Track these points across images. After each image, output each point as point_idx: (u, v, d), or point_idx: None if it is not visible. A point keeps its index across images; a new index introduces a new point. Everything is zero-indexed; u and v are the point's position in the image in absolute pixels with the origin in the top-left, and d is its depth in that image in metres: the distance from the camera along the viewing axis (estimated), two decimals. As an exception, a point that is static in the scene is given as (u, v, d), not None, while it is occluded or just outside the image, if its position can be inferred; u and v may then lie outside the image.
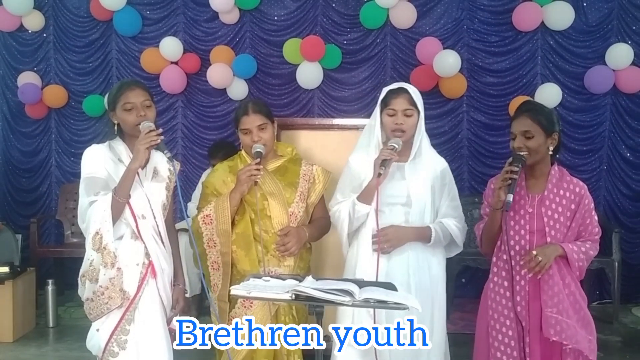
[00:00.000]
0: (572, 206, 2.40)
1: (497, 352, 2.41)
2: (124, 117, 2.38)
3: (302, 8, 5.37)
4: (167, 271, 2.47)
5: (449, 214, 2.60)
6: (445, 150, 5.21)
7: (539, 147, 2.36)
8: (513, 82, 5.25)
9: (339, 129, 3.79)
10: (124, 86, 2.43)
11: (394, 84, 2.60)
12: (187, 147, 5.57)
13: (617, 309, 4.81)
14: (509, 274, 2.39)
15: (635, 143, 5.24)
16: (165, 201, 2.50)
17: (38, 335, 4.56)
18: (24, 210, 5.72)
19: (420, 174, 2.56)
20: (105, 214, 2.27)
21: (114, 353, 2.33)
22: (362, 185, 2.54)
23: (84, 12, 5.55)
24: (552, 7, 5.00)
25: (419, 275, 2.52)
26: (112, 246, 2.30)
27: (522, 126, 2.36)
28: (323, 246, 3.23)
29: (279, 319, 2.63)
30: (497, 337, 2.41)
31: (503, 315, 2.40)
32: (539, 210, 2.38)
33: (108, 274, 2.30)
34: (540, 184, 2.42)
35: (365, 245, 2.53)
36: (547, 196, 2.39)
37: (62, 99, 5.60)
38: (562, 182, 2.42)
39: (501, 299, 2.42)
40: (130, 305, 2.34)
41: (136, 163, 2.29)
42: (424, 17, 5.26)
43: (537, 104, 2.63)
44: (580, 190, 2.42)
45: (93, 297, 2.32)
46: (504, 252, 2.41)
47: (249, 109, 2.62)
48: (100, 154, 2.39)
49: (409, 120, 2.50)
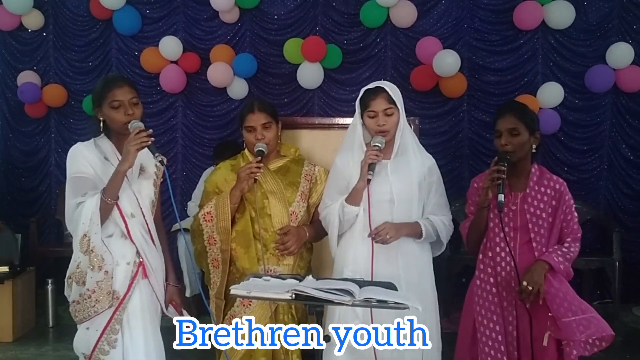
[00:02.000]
0: (553, 202, 2.48)
1: (486, 347, 2.45)
2: (111, 115, 2.32)
3: (302, 7, 5.37)
4: (159, 269, 2.45)
5: (435, 211, 2.60)
6: (446, 149, 5.21)
7: (524, 144, 2.44)
8: (513, 81, 5.25)
9: (340, 128, 3.81)
10: (110, 83, 2.36)
11: (371, 84, 2.59)
12: (187, 147, 5.56)
13: (618, 308, 4.82)
14: (494, 270, 2.46)
15: (635, 142, 5.24)
16: (154, 198, 2.46)
17: (38, 334, 4.56)
18: (24, 210, 5.70)
19: (405, 171, 2.55)
20: (93, 216, 2.23)
21: (104, 351, 2.31)
22: (348, 187, 2.54)
23: (83, 11, 5.53)
24: (553, 6, 4.99)
25: (409, 273, 2.52)
26: (99, 249, 2.26)
27: (508, 124, 2.44)
28: (323, 246, 3.22)
29: (278, 318, 2.63)
30: (485, 333, 2.46)
31: (490, 310, 2.45)
32: (522, 207, 2.46)
33: (95, 276, 2.26)
34: (522, 182, 2.50)
35: (356, 244, 2.53)
36: (529, 194, 2.47)
37: (62, 98, 5.59)
38: (542, 180, 2.51)
39: (488, 295, 2.47)
40: (120, 304, 2.31)
41: (126, 165, 2.24)
42: (424, 16, 5.25)
43: (521, 103, 2.75)
44: (560, 187, 2.50)
45: (80, 299, 2.29)
46: (489, 249, 2.48)
47: (255, 107, 2.63)
48: (86, 152, 2.35)
49: (391, 119, 2.51)
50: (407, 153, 2.57)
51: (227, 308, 2.64)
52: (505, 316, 2.45)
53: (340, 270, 2.57)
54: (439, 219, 2.58)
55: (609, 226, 5.06)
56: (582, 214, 5.09)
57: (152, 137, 2.26)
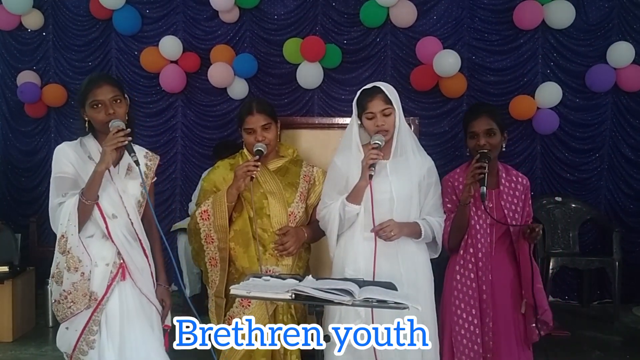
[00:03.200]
0: (522, 196, 2.64)
1: (464, 339, 2.56)
2: (92, 115, 2.31)
3: (302, 7, 5.37)
4: (146, 270, 2.41)
5: (432, 212, 2.62)
6: (446, 150, 5.21)
7: (499, 143, 2.58)
8: (514, 81, 5.25)
9: (339, 128, 3.81)
10: (91, 82, 2.35)
11: (368, 85, 2.59)
12: (186, 147, 5.56)
13: (618, 308, 4.81)
14: (475, 265, 2.57)
15: (636, 142, 5.24)
16: (141, 198, 2.43)
17: (37, 334, 4.56)
18: (24, 210, 5.71)
19: (404, 171, 2.56)
20: (70, 216, 2.21)
21: (84, 352, 2.30)
22: (347, 186, 2.55)
23: (83, 11, 5.54)
24: (553, 6, 4.99)
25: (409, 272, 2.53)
26: (75, 250, 2.23)
27: (484, 125, 2.55)
28: (322, 246, 3.22)
29: (277, 318, 2.62)
30: (464, 325, 2.56)
31: (469, 305, 2.57)
32: (498, 203, 2.59)
33: (71, 278, 2.24)
34: (493, 179, 2.60)
35: (357, 243, 2.53)
36: (503, 190, 2.61)
37: (62, 98, 5.59)
38: (510, 176, 2.66)
39: (468, 290, 2.57)
40: (98, 306, 2.29)
41: (102, 165, 2.21)
42: (424, 16, 5.25)
43: (490, 105, 2.88)
44: (526, 182, 2.68)
45: (60, 299, 2.28)
46: (470, 245, 2.58)
47: (254, 109, 2.62)
48: (69, 151, 2.34)
49: (389, 119, 2.51)
50: (406, 153, 2.57)
51: (226, 308, 2.63)
52: (483, 309, 2.56)
53: (340, 269, 2.57)
54: (435, 220, 2.60)
55: (609, 226, 5.06)
56: (582, 213, 5.13)
57: (129, 136, 2.24)
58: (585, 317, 4.85)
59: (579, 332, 4.55)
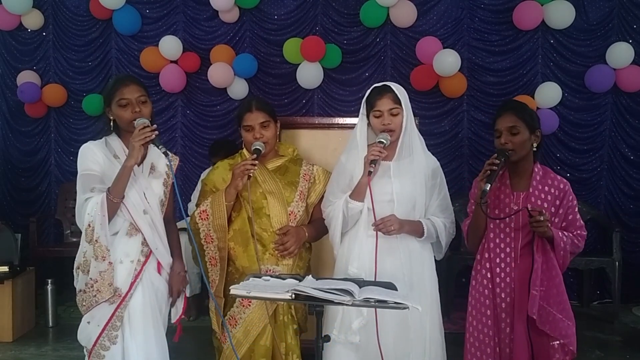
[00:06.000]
0: (557, 202, 2.43)
1: (472, 347, 2.47)
2: (119, 113, 2.38)
3: (302, 7, 5.37)
4: (168, 266, 2.50)
5: (437, 213, 2.60)
6: (446, 150, 5.21)
7: (524, 142, 2.40)
8: (513, 81, 5.25)
9: (339, 128, 3.80)
10: (118, 82, 2.42)
11: (379, 83, 2.60)
12: (186, 147, 5.56)
13: (618, 308, 4.81)
14: (490, 272, 2.45)
15: (636, 142, 5.24)
16: (163, 197, 2.49)
17: (37, 334, 4.56)
18: (23, 210, 5.71)
19: (408, 173, 2.54)
20: (97, 206, 2.25)
21: (105, 347, 2.34)
22: (350, 184, 2.55)
23: (83, 11, 5.54)
24: (553, 6, 4.99)
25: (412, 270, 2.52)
26: (103, 240, 2.28)
27: (508, 122, 2.40)
28: (323, 246, 3.23)
29: (277, 318, 2.62)
30: (474, 334, 2.47)
31: (481, 313, 2.46)
32: (525, 206, 2.39)
33: (99, 267, 2.29)
34: (524, 181, 2.47)
35: (361, 241, 2.53)
36: (532, 193, 2.42)
37: (62, 98, 5.59)
38: (546, 179, 2.46)
39: (480, 297, 2.48)
40: (122, 302, 2.34)
41: (132, 160, 2.27)
42: (424, 16, 5.25)
43: (521, 102, 2.68)
44: (564, 187, 2.45)
45: (85, 288, 2.32)
46: (486, 249, 2.46)
47: (253, 106, 2.63)
48: (96, 150, 2.39)
49: (396, 119, 2.51)
50: (411, 155, 2.56)
51: (226, 308, 2.63)
52: (498, 314, 2.43)
53: (343, 267, 2.56)
54: (440, 221, 2.58)
55: (609, 226, 5.06)
56: (582, 213, 5.04)
57: (156, 132, 2.30)
58: (585, 317, 4.84)
59: (579, 332, 4.47)
